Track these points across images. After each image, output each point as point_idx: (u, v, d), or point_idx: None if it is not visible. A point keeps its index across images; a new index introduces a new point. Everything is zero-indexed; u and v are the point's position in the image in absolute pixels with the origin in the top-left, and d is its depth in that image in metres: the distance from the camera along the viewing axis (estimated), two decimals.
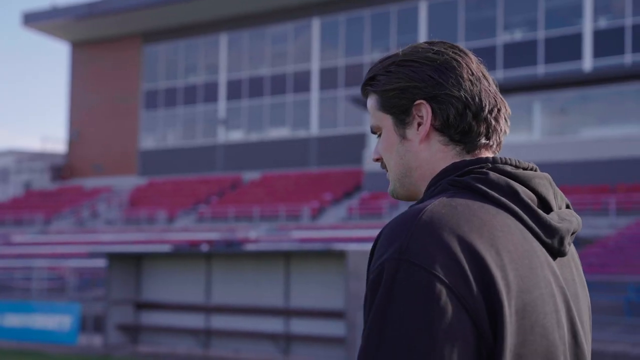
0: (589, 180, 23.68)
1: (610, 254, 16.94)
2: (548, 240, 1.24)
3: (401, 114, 1.34)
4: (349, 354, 11.43)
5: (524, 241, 1.21)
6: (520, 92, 25.65)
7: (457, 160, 1.31)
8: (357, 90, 31.12)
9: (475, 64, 1.36)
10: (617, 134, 24.33)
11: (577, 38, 27.56)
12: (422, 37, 30.32)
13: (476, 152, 1.33)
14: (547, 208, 1.28)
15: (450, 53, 1.35)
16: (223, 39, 35.88)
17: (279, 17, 34.04)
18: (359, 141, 30.42)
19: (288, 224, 26.36)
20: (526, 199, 1.24)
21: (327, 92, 32.62)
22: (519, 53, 28.23)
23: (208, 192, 32.59)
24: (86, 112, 39.47)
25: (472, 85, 1.31)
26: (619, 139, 24.01)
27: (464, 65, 1.33)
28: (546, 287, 1.20)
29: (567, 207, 1.34)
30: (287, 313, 12.65)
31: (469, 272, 1.13)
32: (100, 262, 20.41)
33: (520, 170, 1.28)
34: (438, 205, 1.18)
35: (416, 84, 1.32)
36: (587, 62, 27.11)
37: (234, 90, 35.37)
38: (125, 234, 28.20)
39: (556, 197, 1.30)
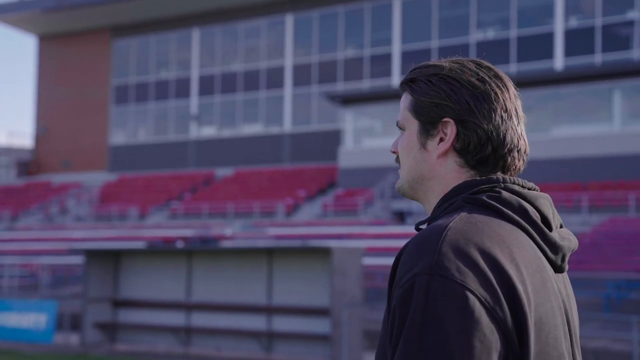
0: (561, 177, 23.98)
1: (586, 251, 17.17)
2: (552, 257, 1.33)
3: (428, 124, 1.40)
4: (334, 351, 11.41)
5: (535, 257, 1.29)
6: None
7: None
8: (330, 87, 31.12)
9: (511, 100, 1.40)
10: (588, 132, 24.67)
11: (549, 37, 27.89)
12: (396, 34, 30.43)
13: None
14: (548, 227, 1.36)
15: (493, 84, 1.38)
16: (195, 34, 35.60)
17: (251, 13, 33.87)
18: (333, 138, 30.42)
19: (263, 221, 26.27)
20: (534, 217, 1.32)
21: (301, 88, 32.55)
22: (492, 51, 28.44)
23: (180, 189, 32.33)
24: (54, 107, 38.88)
25: (502, 121, 1.37)
26: (590, 137, 24.35)
27: (501, 100, 1.37)
28: (555, 301, 1.29)
29: (561, 226, 1.41)
30: (269, 310, 12.58)
31: (496, 286, 1.20)
32: (74, 259, 20.11)
33: (527, 190, 1.36)
34: (460, 222, 1.25)
35: (451, 104, 1.37)
36: (559, 61, 27.44)
37: (207, 86, 35.12)
38: (96, 230, 27.85)
39: (554, 217, 1.38)
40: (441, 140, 1.38)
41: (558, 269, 1.35)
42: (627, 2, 26.77)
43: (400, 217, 24.92)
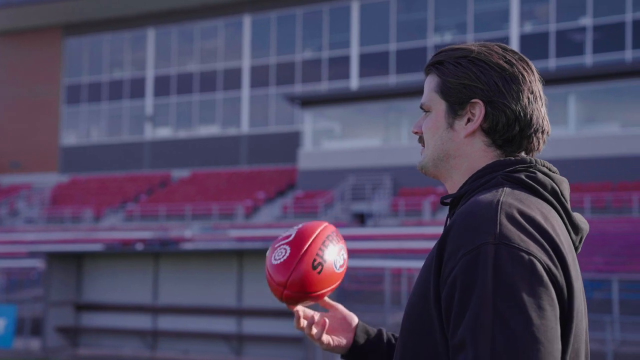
0: None
1: None
2: (574, 237, 1.41)
3: (456, 105, 1.45)
4: (307, 353, 11.37)
5: (567, 235, 1.37)
6: None
7: None
8: (288, 89, 31.07)
9: (536, 82, 1.46)
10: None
11: (504, 42, 28.09)
12: (355, 37, 30.55)
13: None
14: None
15: (519, 67, 1.44)
16: (150, 34, 35.14)
17: (208, 13, 33.60)
18: (292, 140, 30.37)
19: (222, 223, 26.06)
20: (563, 199, 1.40)
21: (258, 90, 32.41)
22: None
23: (136, 190, 31.85)
24: (3, 106, 37.89)
25: (529, 102, 1.43)
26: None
27: (527, 82, 1.43)
28: (580, 279, 1.35)
29: None
30: (239, 313, 12.47)
31: (553, 256, 1.27)
32: (30, 262, 19.62)
33: (553, 173, 1.43)
34: (509, 196, 1.32)
35: (480, 85, 1.42)
36: None
37: (162, 86, 34.69)
38: (48, 233, 27.22)
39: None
40: (469, 120, 1.43)
41: (575, 249, 1.41)
42: (580, 8, 27.40)
43: (361, 218, 25.01)
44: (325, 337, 1.65)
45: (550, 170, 1.43)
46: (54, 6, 34.85)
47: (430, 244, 18.58)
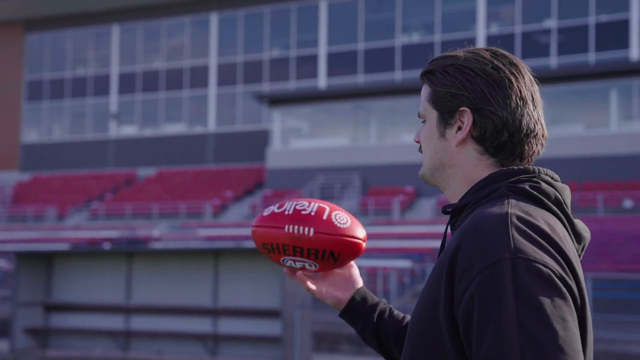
0: None
1: None
2: (576, 246, 1.40)
3: (446, 114, 1.44)
4: (285, 352, 11.33)
5: (573, 246, 1.36)
6: (417, 93, 26.32)
7: (493, 169, 1.42)
8: (256, 87, 30.94)
9: (527, 86, 1.43)
10: None
11: (471, 43, 28.36)
12: (323, 36, 30.55)
13: (509, 165, 1.43)
14: None
15: (507, 72, 1.42)
16: (115, 30, 34.69)
17: (174, 10, 33.28)
18: (260, 138, 30.25)
19: (190, 222, 25.84)
20: (566, 208, 1.39)
21: (225, 88, 32.22)
22: (417, 55, 28.98)
23: (101, 189, 31.40)
24: None
25: (517, 108, 1.40)
26: None
27: (515, 87, 1.41)
28: (586, 289, 1.34)
29: None
30: (215, 312, 12.37)
31: (565, 266, 1.27)
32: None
33: (556, 182, 1.42)
34: (517, 209, 1.31)
35: (466, 93, 1.41)
36: None
37: (127, 83, 34.27)
38: (10, 232, 26.68)
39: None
40: (459, 128, 1.42)
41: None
42: (544, 11, 27.79)
43: None
44: (318, 286, 1.74)
45: (552, 178, 1.42)
46: (15, 1, 34.18)
47: (400, 243, 18.66)
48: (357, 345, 12.85)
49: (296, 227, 1.69)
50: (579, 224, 1.41)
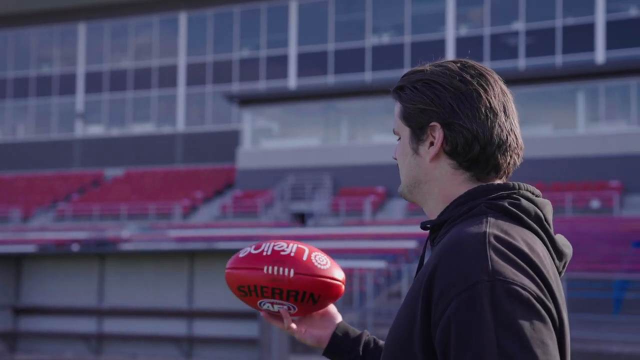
0: None
1: None
2: (557, 263, 1.37)
3: (417, 130, 1.42)
4: (262, 354, 11.26)
5: (552, 265, 1.33)
6: (387, 94, 26.41)
7: (468, 184, 1.39)
8: (225, 87, 30.76)
9: (497, 97, 1.40)
10: None
11: (441, 44, 28.83)
12: (293, 36, 30.50)
13: (485, 180, 1.40)
14: None
15: (475, 83, 1.39)
16: (81, 29, 34.21)
17: (142, 9, 32.94)
18: (229, 138, 30.08)
19: (159, 223, 25.58)
20: (547, 225, 1.36)
21: (195, 88, 31.98)
22: (387, 56, 29.09)
23: (67, 189, 30.92)
24: None
25: (487, 119, 1.37)
26: None
27: (484, 99, 1.38)
28: (565, 308, 1.32)
29: None
30: (190, 315, 12.24)
31: (544, 288, 1.24)
32: None
33: (536, 198, 1.38)
34: (495, 228, 1.28)
35: (435, 108, 1.39)
36: None
37: (94, 83, 33.82)
38: None
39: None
40: (431, 144, 1.40)
41: (559, 274, 1.39)
42: (513, 13, 28.09)
43: (301, 218, 24.98)
44: (295, 326, 1.68)
45: (533, 194, 1.39)
46: None
47: (372, 244, 18.67)
48: None
49: (275, 267, 1.64)
50: (560, 240, 1.39)
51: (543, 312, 1.21)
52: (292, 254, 1.66)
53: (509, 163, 1.41)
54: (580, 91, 25.45)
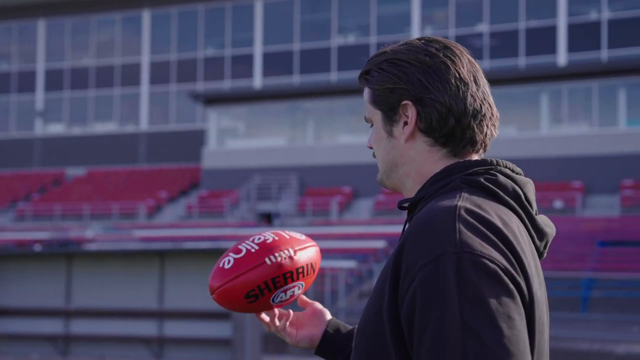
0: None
1: None
2: (538, 243, 1.33)
3: (389, 112, 1.39)
4: (235, 355, 11.17)
5: (530, 242, 1.29)
6: (356, 94, 26.50)
7: (445, 161, 1.36)
8: (190, 86, 30.48)
9: (466, 67, 1.38)
10: None
11: None
12: (258, 36, 30.36)
13: (462, 155, 1.37)
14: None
15: (441, 56, 1.37)
16: (41, 25, 33.57)
17: (105, 6, 32.46)
18: (194, 138, 29.81)
19: (123, 223, 25.22)
20: (526, 203, 1.32)
21: (158, 86, 31.62)
22: (353, 56, 29.14)
23: (27, 189, 30.31)
24: None
25: (458, 90, 1.35)
26: None
27: (452, 70, 1.36)
28: (543, 287, 1.29)
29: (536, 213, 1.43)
30: (161, 315, 12.09)
31: (515, 263, 1.20)
32: None
33: (517, 175, 1.35)
34: (467, 202, 1.24)
35: (404, 85, 1.36)
36: None
37: (54, 80, 33.21)
38: None
39: (535, 203, 1.39)
40: (405, 124, 1.37)
41: (539, 255, 1.35)
42: (477, 15, 28.39)
43: (267, 218, 24.87)
44: (289, 329, 1.64)
45: (512, 171, 1.36)
46: None
47: (340, 244, 18.67)
48: None
49: (275, 255, 1.60)
50: (542, 219, 1.35)
51: (511, 286, 1.17)
52: (276, 238, 1.63)
53: (485, 134, 1.38)
54: (543, 93, 25.82)
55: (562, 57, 26.66)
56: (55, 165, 32.32)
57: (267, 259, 1.59)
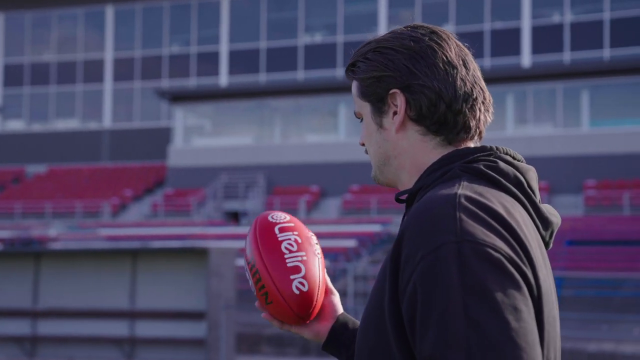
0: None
1: None
2: (543, 232, 1.28)
3: (378, 102, 1.34)
4: (210, 355, 11.03)
5: (534, 231, 1.24)
6: (323, 93, 26.48)
7: (440, 150, 1.31)
8: (155, 83, 30.11)
9: (454, 51, 1.33)
10: None
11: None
12: (224, 33, 30.13)
13: (457, 143, 1.32)
14: None
15: (427, 40, 1.32)
16: (0, 19, 32.83)
17: (66, 1, 31.87)
18: (159, 136, 29.44)
19: (87, 221, 24.78)
20: (528, 190, 1.27)
21: (122, 83, 31.16)
22: (320, 55, 29.10)
23: None
24: None
25: (447, 74, 1.30)
26: None
27: (440, 54, 1.31)
28: (551, 277, 1.24)
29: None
30: (132, 315, 11.88)
31: (520, 251, 1.14)
32: None
33: (518, 162, 1.30)
34: (468, 190, 1.19)
35: (390, 73, 1.32)
36: None
37: (13, 76, 32.51)
38: None
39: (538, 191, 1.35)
40: (395, 113, 1.33)
41: (545, 245, 1.30)
42: (443, 16, 28.59)
43: (235, 217, 24.69)
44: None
45: (514, 158, 1.30)
46: None
47: None
48: (277, 346, 12.70)
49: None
50: (546, 207, 1.29)
51: (517, 275, 1.11)
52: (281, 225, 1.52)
53: (479, 119, 1.32)
54: (509, 94, 26.11)
55: (526, 58, 26.99)
56: (15, 162, 31.64)
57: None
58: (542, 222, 1.27)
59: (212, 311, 11.03)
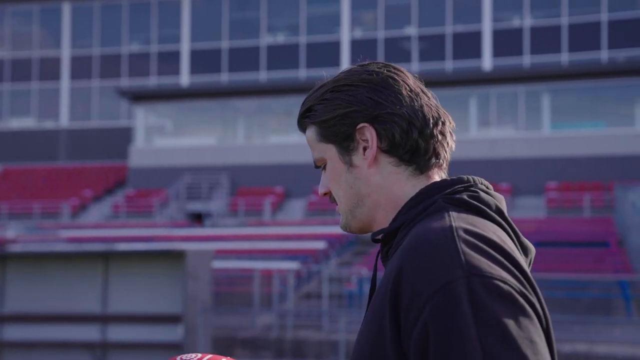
0: None
1: None
2: (524, 259, 1.27)
3: (344, 141, 1.31)
4: None
5: (522, 258, 1.23)
6: (286, 93, 26.34)
7: (413, 181, 1.29)
8: (114, 82, 29.54)
9: (412, 79, 1.34)
10: None
11: (336, 45, 29.04)
12: (185, 32, 29.76)
13: (429, 172, 1.31)
14: None
15: (385, 72, 1.32)
16: None
17: None
18: (119, 135, 28.90)
19: (45, 222, 24.16)
20: (509, 219, 1.27)
21: (80, 82, 30.51)
22: (282, 56, 28.97)
23: None
24: None
25: (413, 101, 1.29)
26: None
27: (401, 82, 1.31)
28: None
29: None
30: (104, 319, 11.58)
31: (523, 280, 1.14)
32: None
33: (494, 192, 1.30)
34: (461, 221, 1.17)
35: (355, 108, 1.29)
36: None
37: None
38: None
39: None
40: (365, 149, 1.29)
41: None
42: (405, 18, 28.72)
43: (199, 218, 24.37)
44: None
45: (488, 188, 1.29)
46: None
47: (273, 245, 18.45)
48: (251, 349, 12.54)
49: None
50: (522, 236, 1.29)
51: (527, 307, 1.09)
52: None
53: (448, 144, 1.33)
54: (472, 96, 26.36)
55: (487, 61, 27.29)
56: None
57: None
58: (523, 249, 1.25)
59: (189, 314, 10.83)
